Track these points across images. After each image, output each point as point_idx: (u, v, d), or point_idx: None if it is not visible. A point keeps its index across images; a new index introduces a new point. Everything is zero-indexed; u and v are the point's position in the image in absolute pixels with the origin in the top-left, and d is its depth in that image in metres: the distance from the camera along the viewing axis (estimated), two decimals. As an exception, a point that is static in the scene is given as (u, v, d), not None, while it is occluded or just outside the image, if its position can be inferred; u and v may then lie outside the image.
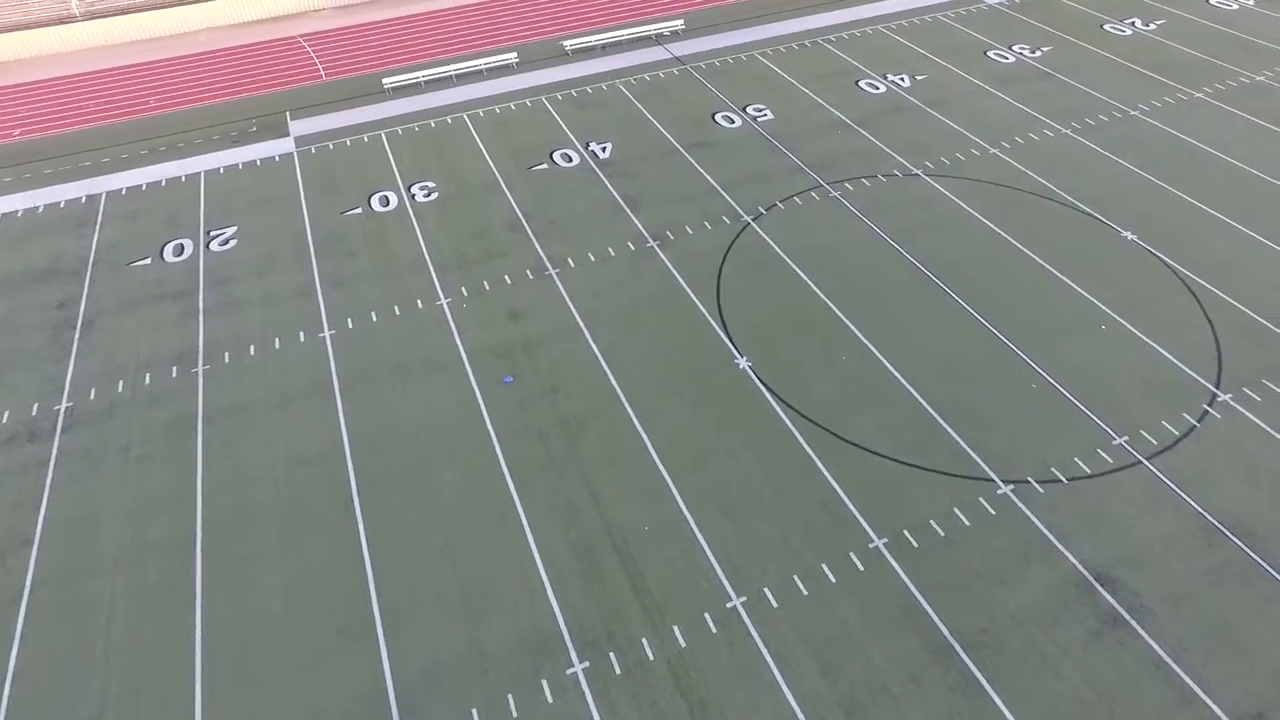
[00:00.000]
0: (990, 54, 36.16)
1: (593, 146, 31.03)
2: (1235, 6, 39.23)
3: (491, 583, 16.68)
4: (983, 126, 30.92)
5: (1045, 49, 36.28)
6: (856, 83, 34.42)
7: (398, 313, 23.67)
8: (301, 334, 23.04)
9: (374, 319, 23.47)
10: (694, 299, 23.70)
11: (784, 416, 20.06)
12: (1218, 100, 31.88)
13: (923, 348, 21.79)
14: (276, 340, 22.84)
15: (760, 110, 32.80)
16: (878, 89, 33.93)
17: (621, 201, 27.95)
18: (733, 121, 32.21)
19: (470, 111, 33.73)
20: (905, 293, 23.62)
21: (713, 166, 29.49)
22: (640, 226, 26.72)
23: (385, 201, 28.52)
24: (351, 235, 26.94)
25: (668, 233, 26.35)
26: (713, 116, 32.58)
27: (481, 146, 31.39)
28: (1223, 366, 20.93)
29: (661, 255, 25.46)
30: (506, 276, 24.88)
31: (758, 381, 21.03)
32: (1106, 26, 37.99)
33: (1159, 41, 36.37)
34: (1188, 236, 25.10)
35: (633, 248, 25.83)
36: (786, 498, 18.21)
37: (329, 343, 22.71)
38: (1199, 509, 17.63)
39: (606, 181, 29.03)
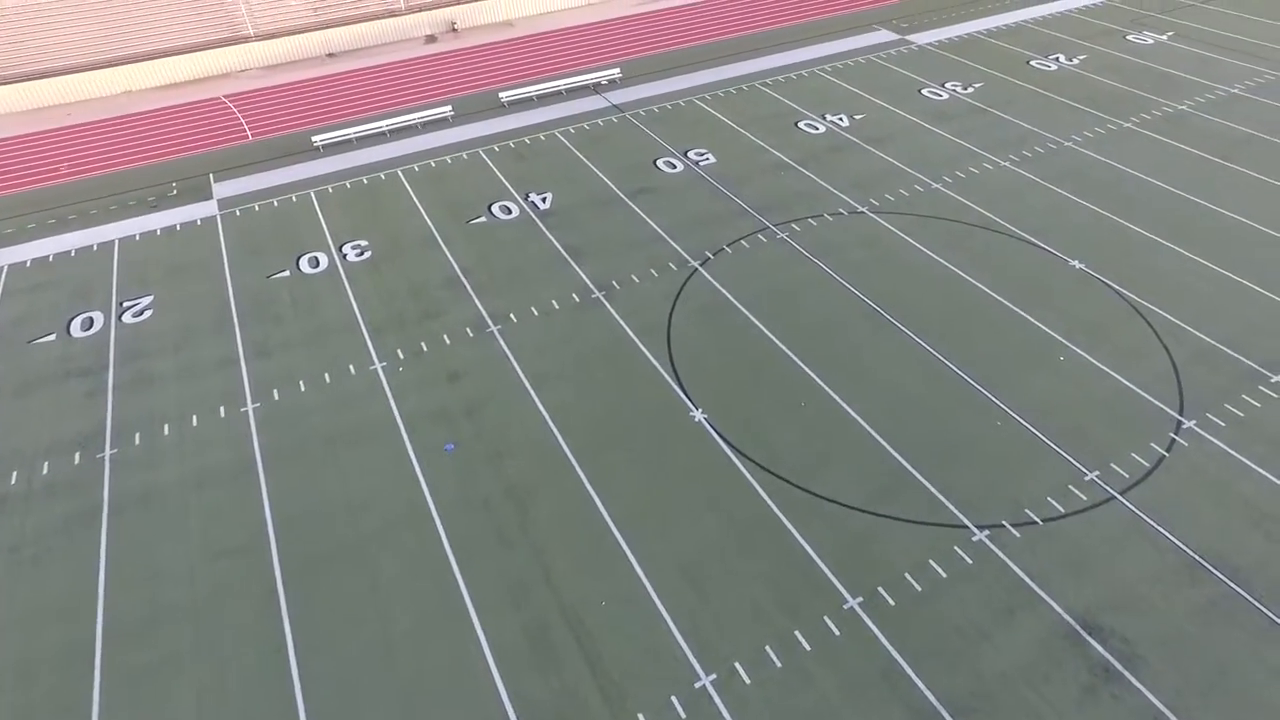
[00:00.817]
0: (924, 91, 36.62)
1: (532, 197, 30.14)
2: (1150, 42, 40.67)
3: (434, 679, 14.98)
4: (923, 162, 30.96)
5: (976, 85, 36.90)
6: (796, 124, 34.39)
7: (328, 380, 22.08)
8: (222, 409, 21.25)
9: (302, 388, 21.83)
10: (644, 351, 22.65)
11: (745, 471, 18.94)
12: (1146, 129, 32.57)
13: (883, 389, 21.02)
14: (194, 417, 21.01)
15: (702, 154, 32.42)
16: (817, 129, 33.92)
17: (564, 252, 26.97)
18: (674, 167, 31.72)
19: (405, 167, 32.65)
20: (861, 333, 22.95)
21: (657, 213, 28.80)
22: (585, 277, 25.72)
23: (315, 263, 27.05)
24: (278, 300, 25.35)
25: (613, 283, 25.39)
26: (654, 162, 32.07)
27: (417, 202, 30.24)
28: (1184, 392, 20.57)
29: (608, 306, 24.43)
30: (445, 336, 23.53)
31: (715, 435, 19.93)
32: (1033, 63, 38.95)
33: (1084, 75, 37.33)
34: (1134, 263, 25.08)
35: (577, 300, 24.76)
36: (753, 559, 16.98)
37: (252, 417, 20.97)
38: (1179, 544, 16.92)
39: (548, 232, 28.07)
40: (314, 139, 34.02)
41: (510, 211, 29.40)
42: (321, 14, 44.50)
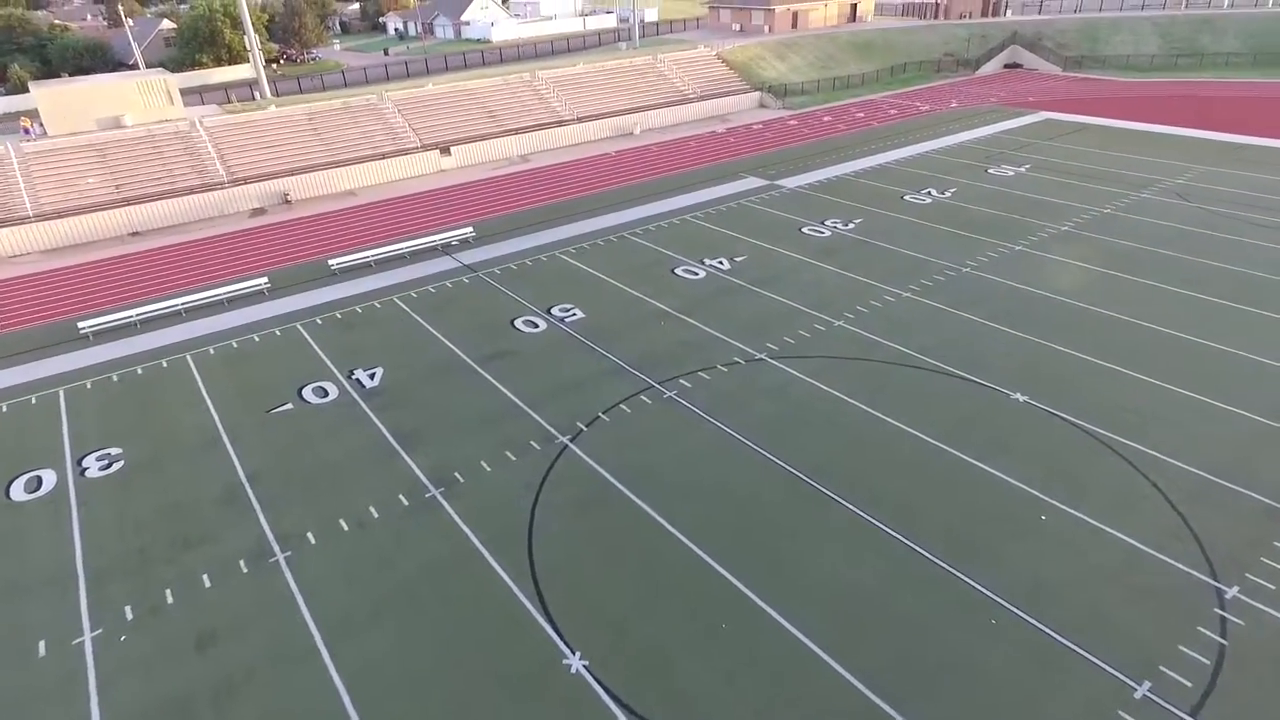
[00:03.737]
0: (804, 230, 34.01)
1: (357, 375, 24.02)
2: (1012, 173, 40.62)
3: None
4: (819, 299, 27.26)
5: (856, 220, 34.72)
6: (673, 270, 30.52)
7: (-3, 673, 14.16)
8: None
9: (-52, 693, 13.78)
10: (497, 568, 16.11)
11: (651, 754, 12.22)
12: (1039, 250, 30.55)
13: (829, 590, 15.18)
14: None
15: (568, 310, 27.62)
16: (697, 274, 30.09)
17: (392, 440, 20.64)
18: (536, 326, 26.66)
19: (197, 350, 26.02)
20: (786, 512, 17.36)
21: (515, 380, 23.22)
22: (418, 470, 19.33)
23: (35, 485, 19.45)
24: (-39, 546, 17.45)
25: (456, 474, 19.10)
26: (512, 323, 26.92)
27: (204, 391, 23.46)
28: (1205, 547, 15.79)
29: (447, 508, 17.97)
30: (206, 575, 16.24)
31: (603, 692, 13.25)
32: (906, 197, 37.59)
33: (960, 206, 36.02)
34: (1079, 389, 21.21)
35: (406, 502, 18.22)
36: None
37: None
38: (1303, 792, 11.24)
39: (373, 415, 21.79)
40: (80, 325, 27.08)
41: (326, 394, 23.06)
42: (125, 190, 38.80)
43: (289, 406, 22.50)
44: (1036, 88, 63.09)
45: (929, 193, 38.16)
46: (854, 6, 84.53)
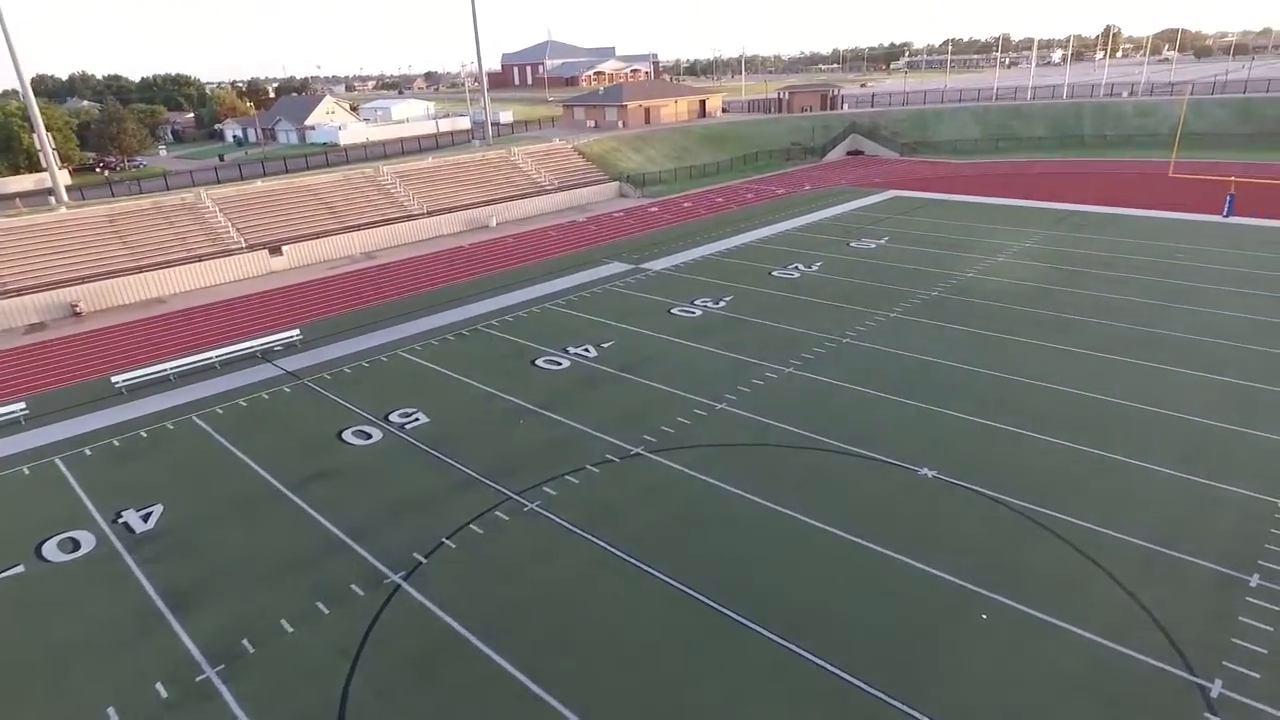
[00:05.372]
0: (674, 311, 31.66)
1: (126, 517, 18.65)
2: (873, 245, 40.60)
3: None
4: (696, 382, 24.48)
5: (727, 298, 32.82)
6: (533, 362, 27.05)
7: None
8: None
9: None
10: (285, 784, 11.34)
11: None
12: (914, 316, 29.45)
13: (748, 753, 11.46)
14: None
15: (409, 415, 23.42)
16: (560, 364, 26.75)
17: (161, 602, 15.49)
18: (369, 437, 22.24)
19: (-95, 504, 19.78)
20: (687, 651, 13.65)
21: (337, 507, 18.62)
22: (191, 643, 14.28)
23: None
24: None
25: (245, 642, 14.21)
26: (339, 435, 22.38)
27: (-103, 561, 17.37)
28: (1170, 633, 13.36)
29: (226, 694, 13.04)
30: None
31: None
32: (775, 273, 36.34)
33: (829, 278, 35.02)
34: (990, 458, 19.14)
35: (165, 693, 13.13)
36: None
37: None
38: None
39: (138, 570, 16.53)
40: None
41: (77, 546, 17.55)
42: None
43: (19, 570, 16.81)
44: (880, 170, 66.09)
45: (796, 267, 37.15)
46: (703, 103, 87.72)
